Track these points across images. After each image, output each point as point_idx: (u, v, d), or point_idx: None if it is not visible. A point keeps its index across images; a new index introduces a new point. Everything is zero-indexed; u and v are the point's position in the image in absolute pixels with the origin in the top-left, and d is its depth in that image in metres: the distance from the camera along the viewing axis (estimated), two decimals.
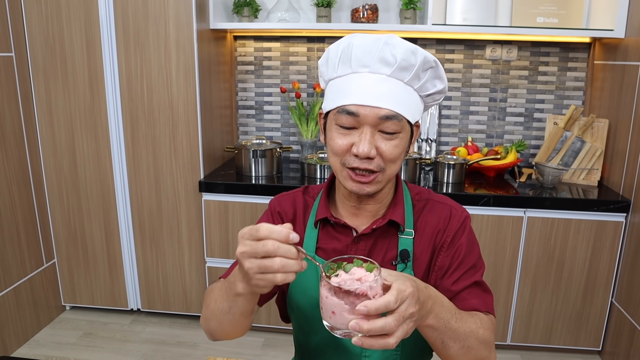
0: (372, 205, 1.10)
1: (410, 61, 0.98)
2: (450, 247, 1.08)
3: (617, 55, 2.46)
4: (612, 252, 2.34)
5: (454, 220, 1.10)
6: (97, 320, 2.78)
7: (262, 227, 0.78)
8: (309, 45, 2.88)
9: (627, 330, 2.27)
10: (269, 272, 0.78)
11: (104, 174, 2.57)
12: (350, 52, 0.99)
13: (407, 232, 1.09)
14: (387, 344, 0.76)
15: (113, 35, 2.38)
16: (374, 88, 0.98)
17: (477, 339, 0.95)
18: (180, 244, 2.63)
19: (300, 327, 1.17)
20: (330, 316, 0.79)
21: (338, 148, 1.01)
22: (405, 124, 1.01)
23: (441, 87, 1.05)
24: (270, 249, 0.77)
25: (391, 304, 0.75)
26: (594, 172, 2.51)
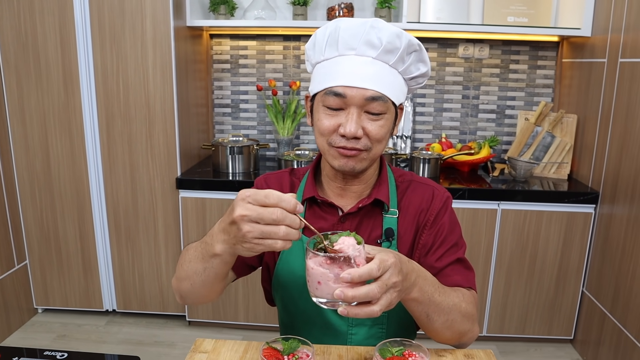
0: (358, 185, 1.12)
1: (395, 44, 1.01)
2: (433, 226, 1.11)
3: (584, 53, 2.55)
4: (582, 243, 2.42)
5: (436, 201, 1.13)
6: (71, 322, 2.73)
7: (272, 194, 0.78)
8: (285, 44, 2.89)
9: (598, 318, 2.35)
10: (272, 238, 0.79)
11: (79, 173, 2.53)
12: (337, 35, 1.02)
13: (391, 211, 1.12)
14: (372, 312, 0.79)
15: (88, 32, 2.36)
16: (360, 70, 1.00)
17: (460, 313, 0.98)
18: (157, 243, 2.61)
19: (285, 307, 1.19)
20: (316, 287, 0.82)
21: (325, 128, 1.04)
22: (390, 105, 1.04)
23: (424, 70, 1.08)
24: (279, 216, 0.77)
25: (374, 272, 0.78)
26: (563, 165, 2.59)
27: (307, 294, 1.11)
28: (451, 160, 2.65)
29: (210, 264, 0.92)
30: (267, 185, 1.20)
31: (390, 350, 0.87)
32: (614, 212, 2.24)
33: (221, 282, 1.01)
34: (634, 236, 2.08)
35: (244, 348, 1.04)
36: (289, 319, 1.19)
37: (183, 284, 1.01)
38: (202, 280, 0.96)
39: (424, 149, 2.73)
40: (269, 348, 0.86)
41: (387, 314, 1.12)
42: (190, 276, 0.98)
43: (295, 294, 1.13)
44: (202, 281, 0.97)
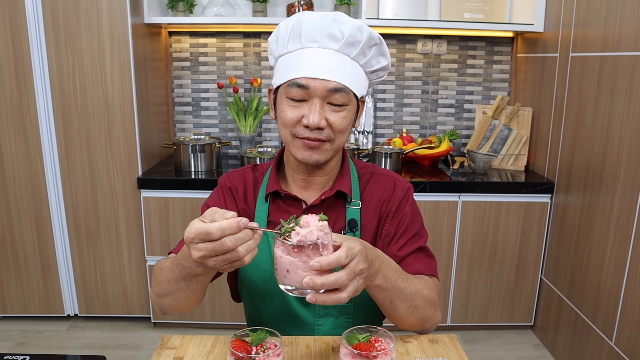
0: (321, 177, 1.14)
1: (357, 37, 1.02)
2: (395, 216, 1.13)
3: (537, 48, 2.63)
4: (539, 231, 2.50)
5: (397, 191, 1.15)
6: (30, 329, 2.65)
7: (212, 229, 0.77)
8: (245, 41, 2.88)
9: (556, 303, 2.43)
10: (236, 260, 0.80)
11: (35, 174, 2.45)
12: (300, 28, 1.03)
13: (354, 202, 1.14)
14: (340, 299, 0.80)
15: (41, 28, 2.29)
16: (323, 62, 1.02)
17: (422, 299, 1.00)
18: (119, 244, 2.55)
19: (252, 302, 1.19)
20: (284, 275, 0.82)
21: (289, 120, 1.04)
22: (352, 97, 1.06)
23: (385, 63, 1.11)
24: (231, 245, 0.77)
25: (342, 259, 0.80)
26: (520, 157, 2.67)
27: (273, 287, 1.12)
28: (412, 154, 2.69)
29: (194, 281, 0.94)
30: (230, 182, 1.20)
31: (357, 337, 0.89)
32: (568, 202, 2.32)
33: (204, 291, 1.02)
34: (588, 224, 2.16)
35: (211, 342, 1.04)
36: (256, 313, 1.19)
37: (164, 300, 1.02)
38: (187, 295, 0.98)
39: (386, 143, 2.76)
40: (237, 340, 0.86)
41: (353, 303, 1.14)
42: (173, 293, 0.98)
43: (261, 288, 1.14)
44: (186, 296, 0.99)
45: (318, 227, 0.82)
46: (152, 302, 1.07)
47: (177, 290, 0.97)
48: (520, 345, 2.58)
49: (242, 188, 1.19)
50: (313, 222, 0.83)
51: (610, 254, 2.00)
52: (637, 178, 1.84)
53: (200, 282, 0.95)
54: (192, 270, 0.89)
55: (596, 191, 2.10)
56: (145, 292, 2.62)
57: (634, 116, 1.85)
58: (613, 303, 1.98)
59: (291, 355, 1.00)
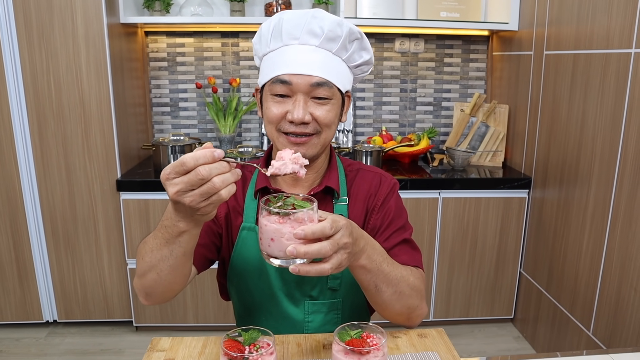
0: (309, 174, 1.14)
1: (337, 32, 1.04)
2: (380, 209, 1.15)
3: (512, 47, 2.68)
4: (518, 226, 2.55)
5: (383, 186, 1.17)
6: (7, 337, 2.59)
7: (186, 158, 0.77)
8: (223, 41, 2.86)
9: (535, 296, 2.48)
10: (213, 193, 0.78)
11: (9, 177, 2.40)
12: (281, 27, 1.05)
13: (341, 198, 1.15)
14: (323, 269, 0.81)
15: (13, 29, 2.23)
16: (304, 58, 1.03)
17: (408, 285, 1.00)
18: (99, 247, 2.51)
19: (241, 299, 1.19)
20: (269, 244, 0.83)
21: (273, 116, 1.05)
22: (336, 92, 1.07)
23: (367, 57, 1.12)
24: (205, 174, 0.76)
25: (327, 229, 0.80)
26: (498, 153, 2.72)
27: (262, 285, 1.12)
28: (392, 152, 2.71)
29: (177, 244, 0.90)
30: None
31: (349, 333, 0.89)
32: (545, 196, 2.37)
33: (187, 263, 0.97)
34: (564, 217, 2.21)
35: (202, 344, 1.03)
36: (245, 311, 1.19)
37: (148, 276, 0.97)
38: (170, 264, 0.93)
39: (366, 142, 2.78)
40: (230, 340, 0.86)
41: (342, 299, 1.14)
42: (156, 264, 0.94)
43: (250, 285, 1.14)
44: (170, 266, 0.94)
45: (292, 159, 0.84)
46: (136, 288, 1.04)
47: (160, 260, 0.93)
48: (501, 338, 2.63)
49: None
50: (287, 156, 0.85)
51: (586, 247, 2.05)
52: (610, 172, 1.89)
53: (183, 244, 0.90)
54: (174, 228, 0.87)
55: (572, 186, 2.15)
56: (126, 296, 2.58)
57: (607, 112, 1.90)
58: (590, 294, 2.03)
59: (283, 354, 1.00)
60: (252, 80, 2.91)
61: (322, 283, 1.14)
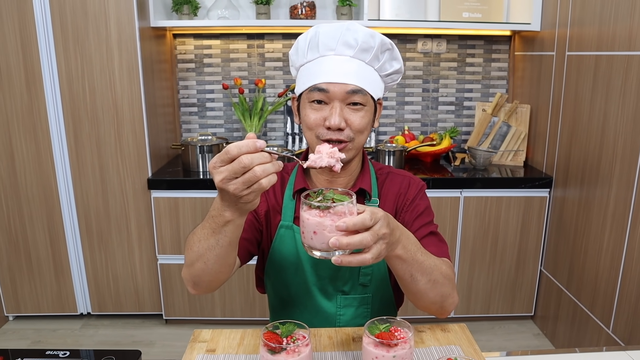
0: (343, 177, 1.22)
1: (370, 43, 1.11)
2: (409, 207, 1.22)
3: (534, 47, 2.71)
4: (539, 225, 2.58)
5: (412, 187, 1.25)
6: (44, 328, 2.71)
7: (230, 147, 0.82)
8: (249, 42, 2.94)
9: (555, 294, 2.52)
10: (254, 182, 0.83)
11: (46, 177, 2.51)
12: (317, 39, 1.12)
13: (373, 200, 1.22)
14: (364, 259, 0.86)
15: (50, 34, 2.34)
16: (340, 67, 1.11)
17: (441, 274, 1.05)
18: (130, 243, 2.62)
19: (276, 293, 1.26)
20: (311, 237, 0.87)
21: (312, 122, 1.13)
22: (369, 99, 1.14)
23: (397, 66, 1.19)
24: (247, 162, 0.81)
25: (367, 221, 0.85)
26: (519, 153, 2.75)
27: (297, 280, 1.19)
28: (415, 151, 2.76)
29: (223, 233, 0.95)
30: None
31: (378, 327, 0.96)
32: (566, 195, 2.40)
33: (232, 253, 1.03)
34: (585, 217, 2.24)
35: (240, 335, 1.11)
36: (280, 304, 1.26)
37: (195, 265, 1.03)
38: (217, 254, 0.99)
39: (388, 141, 2.83)
40: (269, 332, 0.93)
41: (371, 294, 1.21)
42: (204, 254, 1.00)
43: (286, 279, 1.22)
44: (216, 255, 0.99)
45: (328, 153, 0.91)
46: (184, 278, 1.10)
47: (207, 249, 0.99)
48: (521, 334, 2.67)
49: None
50: (325, 150, 0.92)
51: (607, 245, 2.08)
52: (631, 172, 1.92)
53: (229, 234, 0.96)
54: (220, 217, 0.92)
55: (593, 185, 2.18)
56: (156, 290, 2.69)
57: (628, 113, 1.93)
58: (610, 292, 2.06)
59: (315, 346, 1.07)
60: (277, 81, 2.98)
61: (354, 279, 1.21)
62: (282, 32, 2.90)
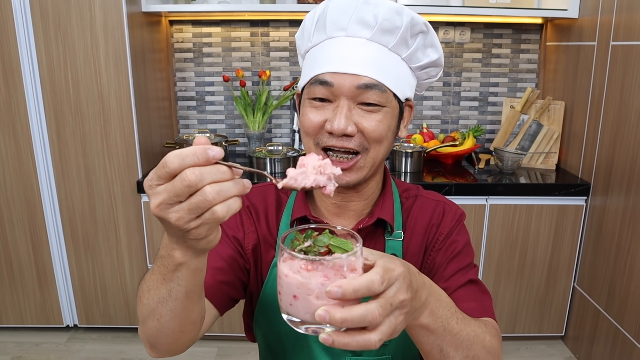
0: (357, 202, 0.95)
1: (395, 22, 0.83)
2: (443, 244, 0.94)
3: (570, 36, 2.41)
4: (573, 237, 2.30)
5: (447, 217, 0.96)
6: (27, 341, 2.49)
7: (169, 158, 0.55)
8: (252, 30, 2.67)
9: (591, 314, 2.24)
10: (205, 209, 0.56)
11: (27, 177, 2.27)
12: (325, 16, 0.85)
13: (395, 233, 0.94)
14: (368, 342, 0.57)
15: (29, 19, 2.09)
16: (351, 53, 0.83)
17: (483, 347, 0.77)
18: (119, 251, 2.38)
19: (268, 345, 1.00)
20: (290, 303, 0.59)
21: (310, 125, 0.86)
22: (391, 98, 0.86)
23: (435, 57, 0.90)
24: (193, 178, 0.54)
25: (376, 285, 0.57)
26: (551, 155, 2.46)
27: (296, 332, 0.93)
28: (434, 152, 2.49)
29: (175, 281, 0.68)
30: (249, 200, 0.99)
31: None
32: (607, 204, 2.12)
33: (195, 307, 0.76)
34: (631, 229, 1.96)
35: None
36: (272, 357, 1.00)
37: (148, 323, 0.76)
38: (171, 308, 0.72)
39: (405, 141, 2.56)
40: None
41: (391, 355, 0.94)
42: (155, 308, 0.73)
43: (280, 330, 0.95)
44: (171, 311, 0.72)
45: (316, 167, 0.63)
46: (141, 339, 0.82)
47: (158, 302, 0.72)
48: (550, 357, 2.40)
49: (263, 208, 0.99)
50: (311, 162, 0.63)
51: None
52: None
53: (183, 282, 0.68)
54: (169, 259, 0.65)
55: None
56: None
57: None
58: None
59: None
60: (283, 73, 2.71)
61: None
62: (289, 18, 2.62)
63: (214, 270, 0.90)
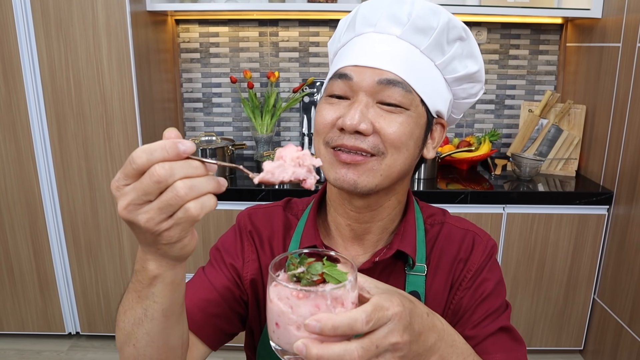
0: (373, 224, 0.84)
1: (429, 21, 0.74)
2: (471, 283, 0.83)
3: (592, 37, 2.30)
4: (594, 247, 2.19)
5: (477, 250, 0.85)
6: (28, 348, 2.42)
7: (136, 153, 0.51)
8: (260, 30, 2.59)
9: (612, 329, 2.14)
10: (177, 206, 0.51)
11: (28, 181, 2.21)
12: (356, 15, 0.77)
13: (418, 267, 0.83)
14: None
15: (30, 18, 2.02)
16: (376, 47, 0.74)
17: None
18: (122, 258, 2.31)
19: None
20: (273, 330, 0.57)
21: (321, 122, 0.76)
22: (417, 102, 0.76)
23: (474, 68, 0.80)
24: (162, 173, 0.49)
25: (358, 324, 0.52)
26: (571, 161, 2.36)
27: None
28: (449, 157, 2.39)
29: (151, 298, 0.61)
30: (252, 224, 0.90)
31: None
32: (632, 214, 2.01)
33: (174, 330, 0.67)
34: None
35: None
36: None
37: (125, 352, 0.68)
38: (147, 330, 0.64)
39: None
40: None
41: None
42: (131, 332, 0.65)
43: None
44: (147, 333, 0.64)
45: (294, 159, 0.57)
46: None
47: (134, 324, 0.64)
48: None
49: (268, 234, 0.89)
50: (289, 154, 0.58)
51: None
52: None
53: (159, 298, 0.61)
54: (144, 272, 0.59)
55: None
56: None
57: None
58: None
59: None
60: (293, 74, 2.63)
61: None
62: (299, 17, 2.54)
63: (205, 302, 0.81)
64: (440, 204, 2.13)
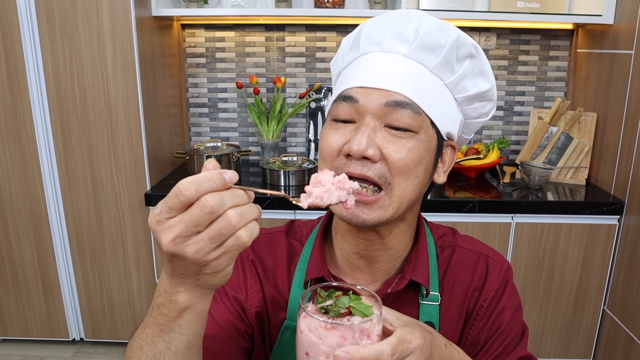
0: (382, 252, 0.80)
1: (437, 38, 0.70)
2: (488, 313, 0.80)
3: (604, 43, 2.26)
4: (604, 258, 2.16)
5: (492, 275, 0.82)
6: (32, 354, 2.42)
7: (184, 185, 0.50)
8: (267, 34, 2.56)
9: (622, 340, 2.10)
10: (228, 235, 0.51)
11: (33, 188, 2.20)
12: (360, 33, 0.74)
13: (431, 296, 0.80)
14: None
15: (35, 24, 2.01)
16: (382, 67, 0.71)
17: None
18: (127, 264, 2.29)
19: None
20: (302, 358, 0.61)
21: (327, 148, 0.73)
22: (427, 125, 0.72)
23: (486, 87, 0.76)
24: (214, 203, 0.49)
25: (385, 356, 0.55)
26: (581, 170, 2.32)
27: None
28: (457, 165, 2.36)
29: (177, 330, 0.59)
30: (254, 253, 0.86)
31: None
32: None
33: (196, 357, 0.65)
34: None
35: None
36: None
37: None
38: None
39: None
40: None
41: None
42: None
43: None
44: None
45: (335, 183, 0.60)
46: None
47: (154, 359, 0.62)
48: None
49: (272, 264, 0.85)
50: (328, 179, 0.60)
51: None
52: None
53: (186, 330, 0.60)
54: (172, 305, 0.57)
55: None
56: None
57: None
58: None
59: None
60: (299, 80, 2.60)
61: None
62: (306, 22, 2.51)
63: (208, 340, 0.77)
64: (448, 212, 2.11)
